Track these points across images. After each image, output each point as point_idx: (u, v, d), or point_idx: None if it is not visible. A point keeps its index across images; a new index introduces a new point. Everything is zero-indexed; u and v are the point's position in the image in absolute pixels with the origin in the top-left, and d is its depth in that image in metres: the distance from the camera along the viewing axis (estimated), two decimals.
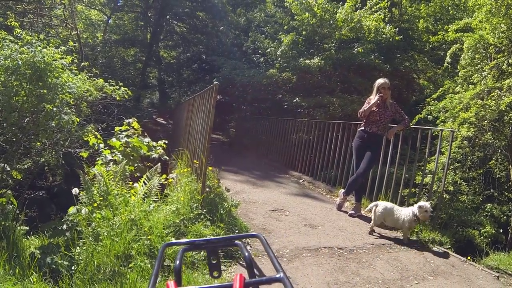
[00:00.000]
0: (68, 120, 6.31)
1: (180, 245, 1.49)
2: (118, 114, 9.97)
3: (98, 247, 4.01)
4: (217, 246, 1.46)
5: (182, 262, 1.45)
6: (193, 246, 1.49)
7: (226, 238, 1.56)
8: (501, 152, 11.29)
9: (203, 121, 6.72)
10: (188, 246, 1.48)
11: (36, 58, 6.07)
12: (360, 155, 7.34)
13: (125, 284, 3.35)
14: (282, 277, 1.09)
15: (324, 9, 15.20)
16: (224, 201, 5.99)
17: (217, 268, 1.44)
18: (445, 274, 5.14)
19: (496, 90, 9.74)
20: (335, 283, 4.31)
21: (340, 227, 6.60)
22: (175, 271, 1.30)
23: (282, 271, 1.12)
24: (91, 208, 4.63)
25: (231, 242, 1.52)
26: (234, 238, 1.51)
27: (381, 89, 7.15)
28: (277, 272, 1.13)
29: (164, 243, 1.56)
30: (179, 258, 1.33)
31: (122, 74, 25.28)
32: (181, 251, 1.39)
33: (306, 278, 4.35)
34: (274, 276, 1.10)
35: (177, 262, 1.32)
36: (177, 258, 1.33)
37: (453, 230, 9.60)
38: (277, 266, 1.16)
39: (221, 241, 1.52)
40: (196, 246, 1.47)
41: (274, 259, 1.22)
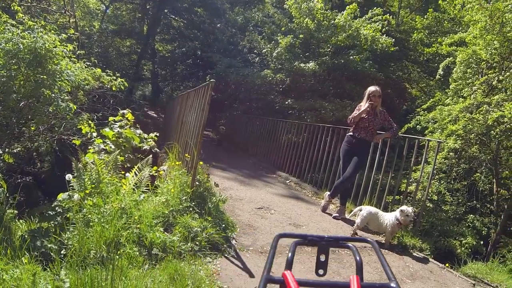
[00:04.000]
0: (65, 107, 6.40)
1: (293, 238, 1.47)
2: (113, 105, 10.07)
3: (89, 233, 4.11)
4: (329, 244, 1.44)
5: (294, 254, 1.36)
6: (306, 240, 1.46)
7: (340, 238, 1.52)
8: (486, 166, 11.50)
9: (196, 117, 6.83)
10: (301, 239, 1.46)
11: (38, 44, 6.17)
12: (347, 160, 7.47)
13: (115, 270, 3.45)
14: (395, 287, 1.10)
15: (324, 15, 15.34)
16: (212, 196, 6.11)
17: (323, 267, 1.43)
18: (422, 278, 5.30)
19: (485, 104, 9.91)
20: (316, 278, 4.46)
21: (324, 228, 6.74)
22: (288, 263, 1.32)
23: (395, 279, 1.13)
24: (83, 194, 4.73)
25: (344, 244, 1.48)
26: (347, 239, 1.49)
27: (371, 96, 7.27)
28: (389, 280, 1.13)
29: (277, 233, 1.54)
30: (291, 250, 1.36)
31: (116, 64, 25.26)
32: (294, 244, 1.41)
33: None
34: (388, 283, 1.12)
35: (289, 254, 1.34)
36: (290, 250, 1.36)
37: (435, 239, 9.76)
38: (390, 274, 1.17)
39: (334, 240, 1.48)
40: (309, 241, 1.46)
41: (386, 267, 1.22)
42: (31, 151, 8.12)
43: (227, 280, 4.20)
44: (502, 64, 10.80)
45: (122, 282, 3.30)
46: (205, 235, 4.86)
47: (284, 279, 1.10)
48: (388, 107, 15.51)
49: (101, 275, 3.22)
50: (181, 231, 4.82)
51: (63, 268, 3.54)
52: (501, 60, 10.76)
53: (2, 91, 6.08)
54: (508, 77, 10.38)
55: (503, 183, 11.51)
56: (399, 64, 19.35)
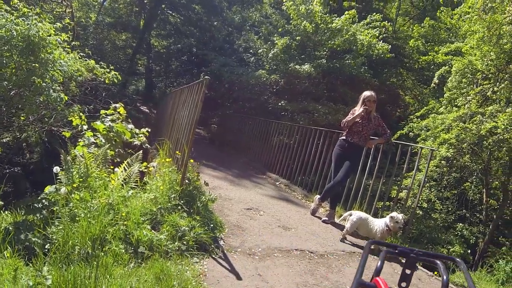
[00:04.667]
0: (56, 97, 6.30)
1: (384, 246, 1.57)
2: (105, 98, 9.97)
3: (74, 228, 4.03)
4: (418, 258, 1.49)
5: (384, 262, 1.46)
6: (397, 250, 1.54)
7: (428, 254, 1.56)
8: (477, 175, 11.53)
9: (189, 114, 6.74)
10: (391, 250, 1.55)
11: (31, 32, 6.08)
12: (339, 164, 7.41)
13: (99, 267, 3.37)
14: None
15: (322, 18, 15.36)
16: (202, 195, 6.03)
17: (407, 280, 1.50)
18: (411, 285, 5.24)
19: (478, 115, 9.93)
20: (304, 285, 4.40)
21: (313, 231, 6.68)
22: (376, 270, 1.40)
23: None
24: (70, 188, 4.65)
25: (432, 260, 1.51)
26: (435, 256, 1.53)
27: (366, 101, 7.23)
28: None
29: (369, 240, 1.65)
30: (381, 259, 1.44)
31: (111, 57, 25.20)
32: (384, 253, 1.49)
33: (276, 277, 4.43)
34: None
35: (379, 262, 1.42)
36: (380, 259, 1.43)
37: (423, 246, 9.77)
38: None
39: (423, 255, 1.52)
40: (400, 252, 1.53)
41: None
42: (20, 141, 8.01)
43: (213, 281, 4.11)
44: (497, 75, 10.83)
45: (106, 281, 3.22)
46: (193, 235, 4.78)
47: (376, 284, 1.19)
48: (381, 113, 15.46)
49: (84, 273, 3.13)
50: (168, 229, 4.73)
51: (46, 264, 3.45)
52: (497, 71, 10.80)
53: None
54: (502, 89, 10.41)
55: (493, 193, 11.57)
56: (394, 71, 19.40)
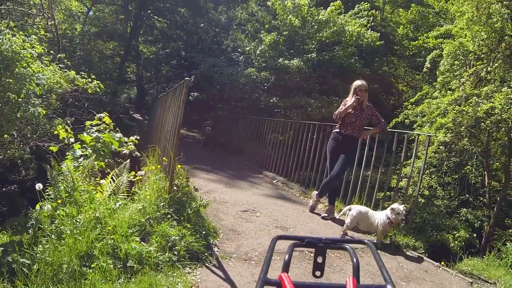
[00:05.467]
0: (33, 112, 6.13)
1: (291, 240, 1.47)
2: (88, 108, 9.81)
3: (60, 246, 3.85)
4: (327, 246, 1.45)
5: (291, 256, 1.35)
6: (303, 242, 1.46)
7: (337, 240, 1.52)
8: (477, 158, 11.41)
9: (173, 117, 6.58)
10: (298, 242, 1.46)
11: (4, 47, 5.89)
12: (334, 157, 7.25)
13: (85, 285, 3.19)
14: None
15: (308, 11, 15.33)
16: (192, 201, 5.81)
17: (320, 268, 1.43)
18: (418, 279, 5.11)
19: (474, 96, 9.81)
20: None
21: (312, 229, 6.53)
22: (285, 264, 1.31)
23: (391, 281, 1.13)
24: (55, 204, 4.47)
25: (341, 245, 1.48)
26: (344, 241, 1.48)
27: (358, 91, 7.06)
28: (386, 282, 1.13)
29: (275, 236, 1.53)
30: (288, 252, 1.37)
31: (100, 67, 25.27)
32: (291, 246, 1.42)
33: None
34: (383, 285, 1.12)
35: (286, 256, 1.34)
36: (287, 252, 1.36)
37: (427, 234, 9.65)
38: (386, 276, 1.16)
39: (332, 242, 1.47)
40: (307, 243, 1.46)
41: (383, 269, 1.22)
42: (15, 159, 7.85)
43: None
44: (490, 55, 10.71)
45: None
46: (184, 244, 4.58)
47: (281, 281, 1.12)
48: (374, 102, 15.38)
49: None
50: (158, 240, 4.54)
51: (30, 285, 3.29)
52: (489, 51, 10.67)
53: None
54: (496, 68, 10.29)
55: (494, 175, 11.46)
56: (385, 59, 19.38)
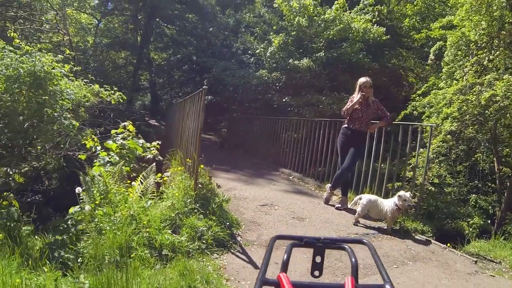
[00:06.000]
0: (68, 124, 6.69)
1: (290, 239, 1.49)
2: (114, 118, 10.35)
3: (102, 240, 4.36)
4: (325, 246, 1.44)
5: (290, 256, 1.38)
6: (302, 242, 1.46)
7: (335, 239, 1.51)
8: (485, 145, 11.66)
9: (194, 122, 7.12)
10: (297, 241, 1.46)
11: (37, 68, 6.46)
12: (344, 151, 7.68)
13: (129, 272, 3.70)
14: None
15: (314, 11, 15.51)
16: (215, 197, 6.35)
17: (319, 268, 1.44)
18: (424, 259, 5.50)
19: (477, 85, 10.06)
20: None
21: (327, 219, 6.97)
22: (283, 264, 1.33)
23: (390, 281, 1.14)
24: (93, 205, 4.98)
25: (340, 245, 1.47)
26: (342, 241, 1.49)
27: (363, 87, 7.49)
28: (384, 281, 1.15)
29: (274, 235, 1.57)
30: (287, 252, 1.37)
31: (114, 77, 25.56)
32: (290, 246, 1.42)
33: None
34: (382, 284, 1.13)
35: (285, 256, 1.35)
36: (286, 252, 1.36)
37: (441, 222, 9.90)
38: (385, 276, 1.18)
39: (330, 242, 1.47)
40: (305, 243, 1.46)
41: (381, 268, 1.23)
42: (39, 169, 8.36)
43: (233, 272, 4.46)
44: (492, 43, 10.94)
45: (136, 281, 3.57)
46: (211, 234, 5.16)
47: (279, 281, 1.13)
48: (386, 95, 15.66)
49: (116, 276, 3.49)
50: (188, 231, 5.11)
51: (82, 273, 3.81)
52: (490, 39, 10.91)
53: (7, 114, 6.39)
54: (498, 56, 10.54)
55: (505, 161, 11.61)
56: (393, 52, 19.30)
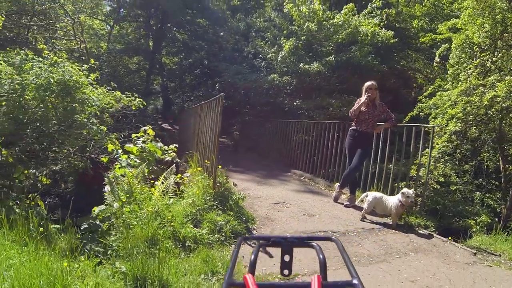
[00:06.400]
0: (96, 129, 7.22)
1: (257, 240, 1.51)
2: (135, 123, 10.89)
3: (130, 234, 4.83)
4: (293, 244, 1.46)
5: (257, 257, 1.38)
6: (269, 242, 1.49)
7: (303, 238, 1.54)
8: (489, 144, 11.98)
9: (211, 126, 7.65)
10: (264, 241, 1.48)
11: (66, 77, 6.98)
12: (352, 152, 8.14)
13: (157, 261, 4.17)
14: (357, 284, 1.12)
15: (324, 15, 15.77)
16: (232, 194, 6.89)
17: (288, 267, 1.45)
18: (425, 251, 5.91)
19: (480, 87, 10.38)
20: (326, 257, 5.13)
21: (335, 215, 7.42)
22: (251, 265, 1.34)
23: (357, 277, 1.14)
24: (121, 203, 5.45)
25: (307, 243, 1.50)
26: (310, 239, 1.52)
27: (368, 90, 7.94)
28: (352, 277, 1.15)
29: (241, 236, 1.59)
30: (254, 253, 1.37)
31: (127, 82, 25.83)
32: (257, 246, 1.42)
33: (302, 254, 5.13)
34: (349, 280, 1.13)
35: (252, 256, 1.35)
36: (253, 253, 1.37)
37: (450, 220, 10.21)
38: (353, 271, 1.18)
39: (298, 240, 1.50)
40: (273, 242, 1.48)
41: (349, 264, 1.23)
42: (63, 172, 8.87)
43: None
44: (495, 45, 11.23)
45: (166, 266, 4.06)
46: (229, 227, 5.68)
47: (245, 282, 1.13)
48: (395, 97, 15.94)
49: (149, 261, 3.99)
50: (208, 225, 5.62)
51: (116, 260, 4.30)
52: (492, 42, 11.20)
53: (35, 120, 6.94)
54: (500, 58, 10.86)
55: (511, 160, 11.82)
56: (402, 54, 19.49)
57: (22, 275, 3.14)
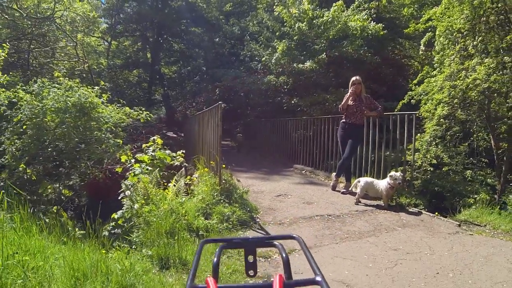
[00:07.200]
0: (113, 143, 8.07)
1: (218, 243, 1.51)
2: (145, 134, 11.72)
3: (150, 230, 5.58)
4: (255, 245, 1.47)
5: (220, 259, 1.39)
6: (231, 244, 1.51)
7: (265, 238, 1.56)
8: (477, 125, 12.53)
9: (214, 131, 8.46)
10: (226, 243, 1.49)
11: (82, 100, 7.84)
12: (344, 143, 8.95)
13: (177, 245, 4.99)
14: (321, 281, 1.10)
15: (313, 14, 16.12)
16: (237, 189, 7.72)
17: (253, 267, 1.44)
18: (412, 226, 6.62)
19: (463, 71, 10.93)
20: (321, 235, 5.93)
21: (332, 202, 8.17)
22: (213, 268, 1.34)
23: (321, 274, 1.13)
24: (140, 204, 6.22)
25: (269, 242, 1.50)
26: (272, 238, 1.51)
27: (353, 85, 8.74)
28: (315, 274, 1.14)
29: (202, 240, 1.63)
30: (217, 255, 1.36)
31: (130, 95, 26.47)
32: (219, 249, 1.41)
33: (300, 233, 5.81)
34: (313, 278, 1.12)
35: (214, 259, 1.35)
36: (215, 255, 1.36)
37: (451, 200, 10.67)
38: (315, 269, 1.17)
39: (259, 240, 1.52)
40: (234, 244, 1.52)
41: (312, 262, 1.23)
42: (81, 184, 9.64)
43: None
44: (474, 30, 11.71)
45: (184, 249, 4.87)
46: (235, 217, 6.51)
47: (207, 286, 1.12)
48: (391, 86, 16.44)
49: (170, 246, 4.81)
50: (217, 216, 6.44)
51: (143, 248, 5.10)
52: (471, 27, 11.66)
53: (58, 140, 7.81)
54: (480, 42, 11.37)
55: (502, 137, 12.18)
56: (393, 43, 19.84)
57: (70, 262, 3.92)
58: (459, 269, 4.69)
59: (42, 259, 3.96)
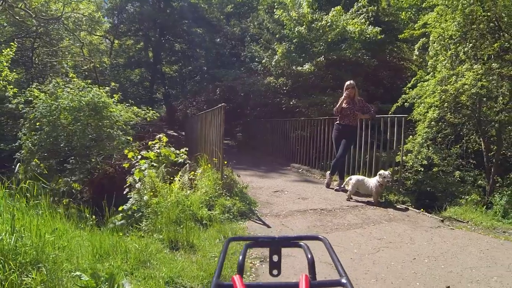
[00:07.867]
0: (124, 140, 8.66)
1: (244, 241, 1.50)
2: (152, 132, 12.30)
3: (158, 219, 6.16)
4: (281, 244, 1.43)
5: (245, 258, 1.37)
6: (256, 243, 1.48)
7: (290, 237, 1.51)
8: (468, 128, 13.00)
9: (216, 130, 9.09)
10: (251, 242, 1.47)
11: (95, 99, 8.43)
12: (338, 143, 9.51)
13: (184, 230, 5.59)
14: (346, 283, 1.08)
15: (312, 17, 16.50)
16: (237, 184, 8.39)
17: (277, 267, 1.42)
18: (398, 220, 7.16)
19: (453, 76, 11.38)
20: (313, 226, 6.52)
21: (326, 198, 8.73)
22: (239, 266, 1.32)
23: (346, 275, 1.11)
24: (149, 196, 6.78)
25: (295, 243, 1.47)
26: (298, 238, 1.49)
27: (347, 89, 9.26)
28: (340, 276, 1.13)
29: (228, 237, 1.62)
30: (242, 253, 1.35)
31: (132, 93, 26.75)
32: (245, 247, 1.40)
33: (294, 224, 6.55)
34: (338, 279, 1.11)
35: (240, 257, 1.33)
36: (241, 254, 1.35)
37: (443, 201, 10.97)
38: (341, 270, 1.15)
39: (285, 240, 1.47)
40: (260, 243, 1.49)
41: (338, 264, 1.21)
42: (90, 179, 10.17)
43: (252, 230, 6.36)
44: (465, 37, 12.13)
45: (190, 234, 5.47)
46: (236, 208, 7.13)
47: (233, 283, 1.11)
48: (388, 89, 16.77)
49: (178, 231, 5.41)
50: (219, 208, 7.05)
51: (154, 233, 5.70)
52: (463, 34, 12.07)
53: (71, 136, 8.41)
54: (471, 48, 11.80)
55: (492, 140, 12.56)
56: (390, 46, 20.07)
57: (92, 242, 4.52)
58: (434, 256, 5.26)
59: (66, 240, 4.53)
